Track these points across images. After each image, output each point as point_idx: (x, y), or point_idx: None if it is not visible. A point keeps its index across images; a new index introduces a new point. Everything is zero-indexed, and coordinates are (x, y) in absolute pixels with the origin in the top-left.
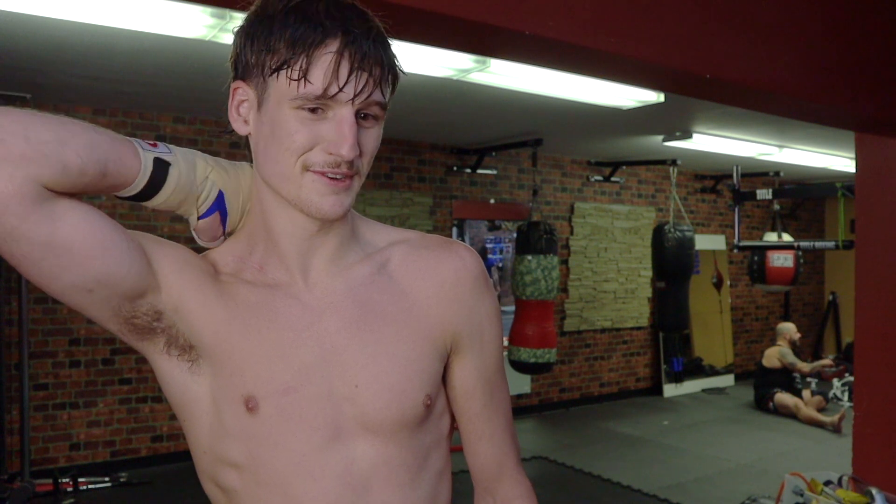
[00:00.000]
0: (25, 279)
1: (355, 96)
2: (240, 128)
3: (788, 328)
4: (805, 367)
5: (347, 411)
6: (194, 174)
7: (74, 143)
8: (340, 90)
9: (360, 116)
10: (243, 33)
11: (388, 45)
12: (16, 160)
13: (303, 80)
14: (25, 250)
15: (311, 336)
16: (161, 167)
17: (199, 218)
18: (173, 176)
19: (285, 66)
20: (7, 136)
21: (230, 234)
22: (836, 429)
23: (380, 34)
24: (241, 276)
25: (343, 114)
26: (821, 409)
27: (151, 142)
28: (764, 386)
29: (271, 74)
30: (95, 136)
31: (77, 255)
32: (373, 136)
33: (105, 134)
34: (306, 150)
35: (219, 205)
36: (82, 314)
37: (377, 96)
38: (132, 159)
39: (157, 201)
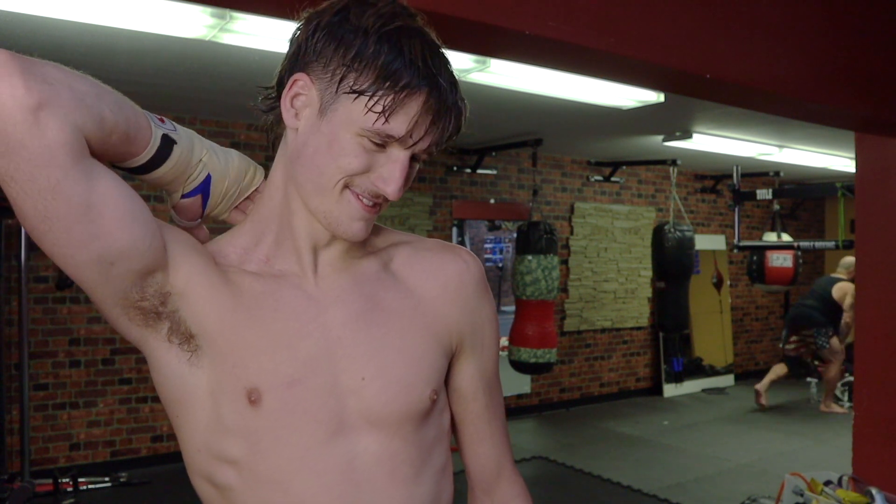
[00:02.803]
0: (25, 279)
1: (424, 147)
2: (290, 119)
3: (851, 262)
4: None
5: (352, 405)
6: (191, 155)
7: (108, 99)
8: (414, 144)
9: (412, 157)
10: (324, 27)
11: (465, 101)
12: (65, 106)
13: (382, 117)
14: (63, 210)
15: (317, 328)
16: (167, 144)
17: (182, 196)
18: (175, 154)
19: (368, 96)
20: (55, 82)
21: (207, 216)
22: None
23: (460, 90)
24: (243, 268)
25: (401, 157)
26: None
27: (159, 117)
28: (828, 315)
29: (349, 93)
30: (120, 98)
31: (109, 221)
32: (413, 173)
33: (125, 98)
34: (356, 174)
35: (204, 187)
36: (90, 295)
37: (435, 146)
38: (147, 130)
39: (153, 177)
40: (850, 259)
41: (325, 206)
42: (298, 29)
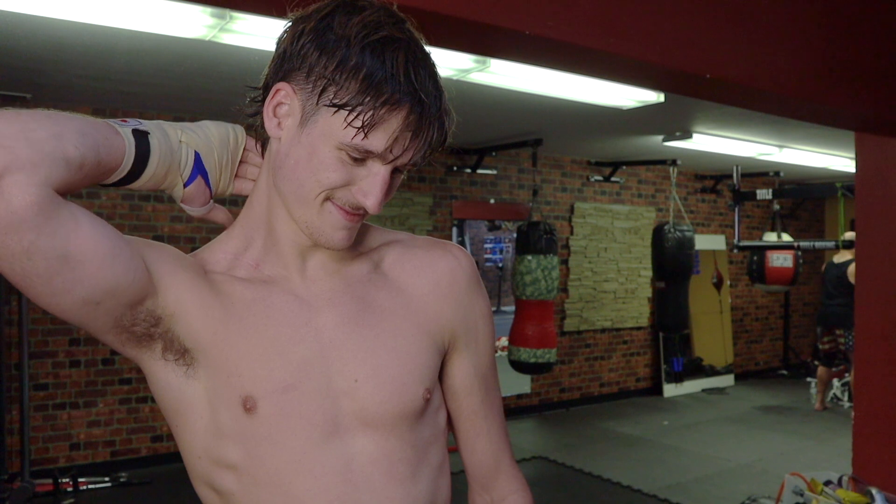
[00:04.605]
0: None
1: (405, 162)
2: (273, 129)
3: (851, 237)
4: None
5: (346, 406)
6: (169, 140)
7: (69, 136)
8: (395, 158)
9: (394, 168)
10: (309, 33)
11: (450, 114)
12: (25, 166)
13: (361, 133)
14: (41, 267)
15: (310, 332)
16: (141, 138)
17: (185, 185)
18: (154, 145)
19: (347, 110)
20: (9, 141)
21: (216, 193)
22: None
23: (445, 102)
24: (233, 274)
25: (381, 171)
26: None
27: (121, 119)
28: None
29: (329, 106)
30: (80, 123)
31: (89, 267)
32: (396, 183)
33: (84, 119)
34: (336, 187)
35: (198, 167)
36: (82, 328)
37: (419, 158)
38: (116, 138)
39: (146, 176)
40: (849, 235)
41: (307, 218)
42: (285, 32)
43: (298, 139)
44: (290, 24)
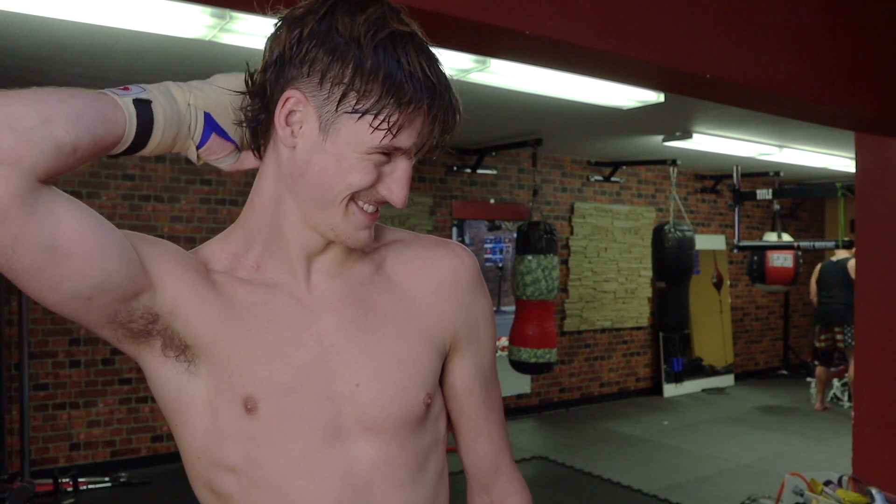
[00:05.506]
0: None
1: (426, 151)
2: (287, 139)
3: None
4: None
5: (347, 411)
6: (176, 104)
7: (59, 120)
8: (419, 151)
9: None
10: (311, 36)
11: (458, 98)
12: (9, 159)
13: (390, 134)
14: (26, 261)
15: (311, 336)
16: (144, 108)
17: (197, 148)
18: (158, 112)
19: (373, 115)
20: None
21: (245, 148)
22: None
23: (454, 88)
24: (235, 275)
25: (406, 165)
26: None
27: (123, 87)
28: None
29: (351, 112)
30: (76, 102)
31: (77, 261)
32: (411, 172)
33: (81, 96)
34: (365, 188)
35: (211, 126)
36: (78, 322)
37: (438, 142)
38: (114, 111)
39: (152, 145)
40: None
41: (332, 221)
42: (278, 35)
43: (322, 147)
44: (282, 25)
